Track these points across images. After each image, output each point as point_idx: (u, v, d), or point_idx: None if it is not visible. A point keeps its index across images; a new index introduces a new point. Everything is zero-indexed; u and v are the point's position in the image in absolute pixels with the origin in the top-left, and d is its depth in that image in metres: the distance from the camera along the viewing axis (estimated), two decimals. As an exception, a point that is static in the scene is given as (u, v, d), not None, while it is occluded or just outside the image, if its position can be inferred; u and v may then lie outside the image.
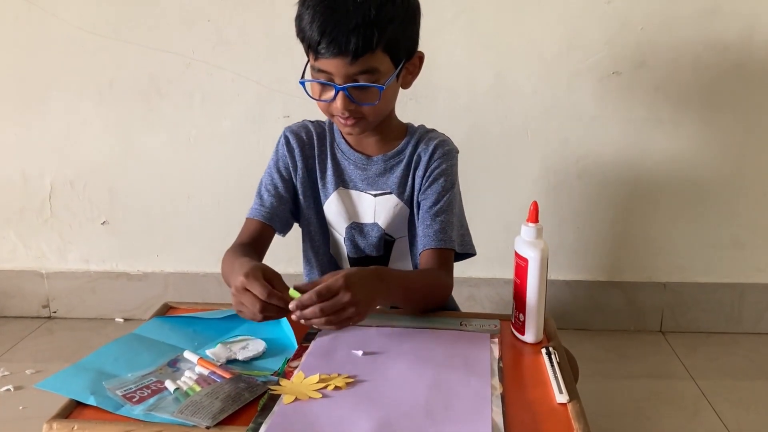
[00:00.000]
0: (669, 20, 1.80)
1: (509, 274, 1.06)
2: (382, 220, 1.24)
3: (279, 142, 1.28)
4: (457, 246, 1.21)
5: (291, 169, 1.26)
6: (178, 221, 2.01)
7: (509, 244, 1.08)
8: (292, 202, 1.27)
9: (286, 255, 1.48)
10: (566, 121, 1.87)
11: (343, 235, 1.25)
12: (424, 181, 1.22)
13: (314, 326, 0.96)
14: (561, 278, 1.97)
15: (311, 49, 1.09)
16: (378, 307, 1.20)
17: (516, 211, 1.88)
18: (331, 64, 1.07)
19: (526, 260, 0.99)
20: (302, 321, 0.93)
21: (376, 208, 1.24)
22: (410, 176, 1.23)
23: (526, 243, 1.00)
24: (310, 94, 1.15)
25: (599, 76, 1.84)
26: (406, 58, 1.15)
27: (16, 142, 1.98)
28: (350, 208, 1.25)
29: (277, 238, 1.28)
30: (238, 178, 1.95)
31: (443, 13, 1.75)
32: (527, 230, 1.00)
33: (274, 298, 0.93)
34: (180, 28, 1.87)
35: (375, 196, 1.24)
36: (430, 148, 1.22)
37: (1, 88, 1.94)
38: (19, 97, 1.94)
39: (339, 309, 0.92)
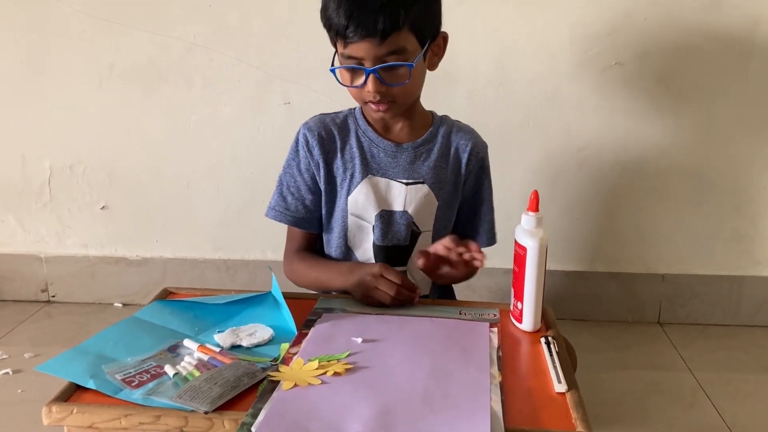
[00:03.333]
0: (672, 11, 1.79)
1: (508, 264, 1.06)
2: (411, 209, 1.25)
3: (298, 142, 1.27)
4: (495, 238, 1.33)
5: (314, 168, 1.27)
6: (177, 207, 2.01)
7: (509, 233, 1.08)
8: (320, 202, 1.29)
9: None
10: (568, 111, 1.86)
11: (372, 223, 1.25)
12: (468, 180, 1.28)
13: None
14: (560, 269, 1.97)
15: (339, 35, 1.12)
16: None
17: (516, 200, 1.87)
18: (360, 48, 1.10)
19: (525, 249, 0.99)
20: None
21: (407, 197, 1.25)
22: (448, 171, 1.27)
23: (526, 232, 1.00)
24: (341, 82, 1.18)
25: (602, 67, 1.83)
26: (431, 39, 1.18)
27: (16, 125, 1.97)
28: (380, 195, 1.25)
29: (283, 226, 1.31)
30: (237, 165, 1.95)
31: (446, 0, 1.75)
32: (527, 219, 1.01)
33: (406, 284, 1.09)
34: (181, 12, 1.85)
35: (407, 184, 1.25)
36: (469, 146, 1.28)
37: (0, 71, 1.93)
38: (18, 80, 1.93)
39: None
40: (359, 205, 1.25)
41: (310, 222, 1.29)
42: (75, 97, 1.94)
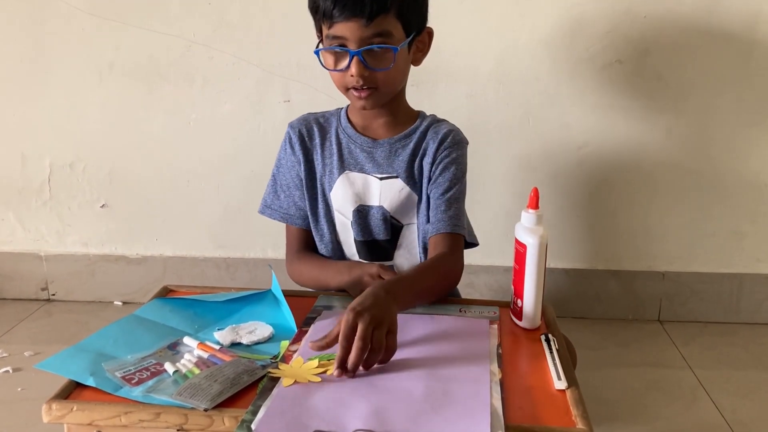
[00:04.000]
0: (672, 9, 1.78)
1: (508, 261, 1.06)
2: (387, 203, 1.24)
3: (284, 139, 1.30)
4: (466, 234, 1.23)
5: (296, 165, 1.28)
6: (178, 205, 2.01)
7: (509, 231, 1.07)
8: (303, 199, 1.29)
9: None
10: (568, 108, 1.86)
11: (350, 218, 1.26)
12: (433, 169, 1.22)
13: (366, 370, 0.88)
14: (560, 266, 1.97)
15: (326, 15, 1.11)
16: None
17: (516, 198, 1.88)
18: (345, 28, 1.10)
19: (525, 246, 1.00)
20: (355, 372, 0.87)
21: (382, 191, 1.24)
22: (417, 162, 1.24)
23: (526, 229, 1.00)
24: (324, 65, 1.17)
25: (602, 64, 1.83)
26: (417, 32, 1.18)
27: (16, 123, 1.97)
28: (357, 190, 1.25)
29: (278, 224, 1.32)
30: (237, 163, 1.95)
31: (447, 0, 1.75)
32: (527, 216, 1.01)
33: None
34: (180, 10, 1.85)
35: (381, 179, 1.24)
36: (440, 136, 1.23)
37: (0, 68, 1.93)
38: (18, 78, 1.93)
39: (374, 332, 0.87)
40: (339, 201, 1.26)
41: (302, 219, 1.29)
42: (75, 95, 1.93)
